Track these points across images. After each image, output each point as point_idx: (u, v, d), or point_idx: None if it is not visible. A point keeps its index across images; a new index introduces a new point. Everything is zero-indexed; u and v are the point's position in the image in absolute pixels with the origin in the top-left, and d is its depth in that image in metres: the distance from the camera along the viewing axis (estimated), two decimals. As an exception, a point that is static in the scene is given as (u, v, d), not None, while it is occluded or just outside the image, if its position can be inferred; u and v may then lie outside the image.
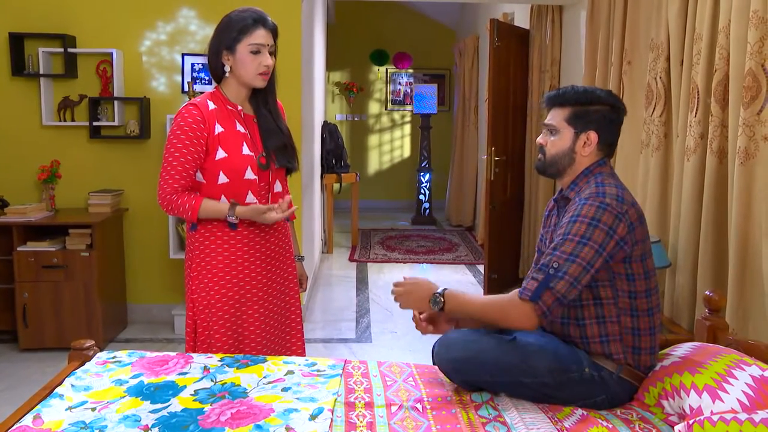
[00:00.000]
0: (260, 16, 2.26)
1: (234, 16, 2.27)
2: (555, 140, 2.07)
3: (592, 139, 2.03)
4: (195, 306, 2.31)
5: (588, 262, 1.88)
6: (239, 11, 2.27)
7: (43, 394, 1.87)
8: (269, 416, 1.78)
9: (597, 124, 2.03)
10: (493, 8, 6.87)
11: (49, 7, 4.19)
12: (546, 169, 2.12)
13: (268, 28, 2.26)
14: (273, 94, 2.39)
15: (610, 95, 2.07)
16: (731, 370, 1.79)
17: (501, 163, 4.95)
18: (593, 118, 2.03)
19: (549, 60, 4.87)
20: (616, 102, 2.06)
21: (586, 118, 2.03)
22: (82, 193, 4.27)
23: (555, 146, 2.07)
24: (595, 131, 2.03)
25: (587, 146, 2.03)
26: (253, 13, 2.26)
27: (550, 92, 2.11)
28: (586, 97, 2.04)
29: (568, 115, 2.05)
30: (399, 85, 9.57)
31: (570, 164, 2.06)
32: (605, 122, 2.03)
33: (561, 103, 2.07)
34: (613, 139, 2.08)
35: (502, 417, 1.86)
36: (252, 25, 2.23)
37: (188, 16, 4.28)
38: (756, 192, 2.40)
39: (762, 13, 2.35)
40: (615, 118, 2.06)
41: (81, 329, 3.92)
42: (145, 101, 4.25)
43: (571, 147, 2.05)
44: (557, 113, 2.07)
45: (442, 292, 2.02)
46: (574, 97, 2.04)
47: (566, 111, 2.05)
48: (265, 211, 2.23)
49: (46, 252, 3.86)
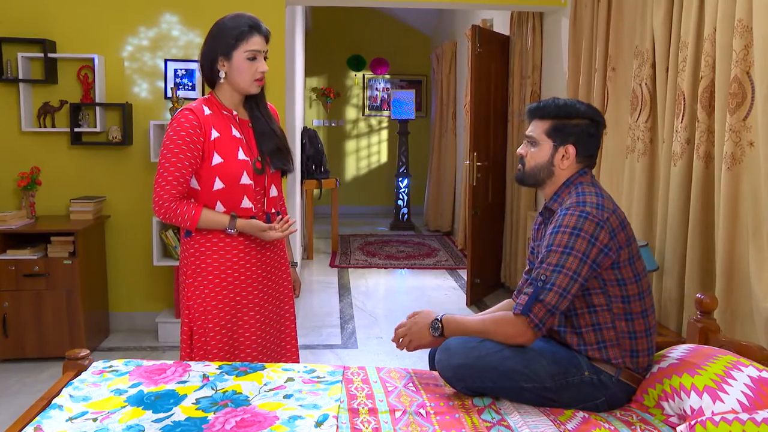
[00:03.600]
0: (255, 23, 2.25)
1: (228, 22, 2.25)
2: (535, 152, 2.11)
3: (570, 152, 2.06)
4: (190, 312, 2.29)
5: (574, 271, 1.91)
6: (232, 17, 2.26)
7: (41, 405, 1.83)
8: (274, 424, 1.77)
9: (576, 137, 2.06)
10: (471, 15, 6.93)
11: (29, 11, 4.13)
12: (525, 179, 2.16)
13: (263, 34, 2.26)
14: (264, 98, 2.39)
15: (590, 109, 2.10)
16: (729, 371, 1.83)
17: (483, 169, 4.98)
18: (572, 132, 2.06)
19: (530, 66, 4.93)
20: (595, 116, 2.10)
21: (565, 131, 2.06)
22: (63, 200, 4.20)
23: (534, 158, 2.11)
24: (573, 145, 2.06)
25: (565, 159, 2.07)
26: (248, 19, 2.25)
27: (532, 104, 2.15)
28: (566, 111, 2.07)
29: (548, 128, 2.08)
30: (376, 90, 9.59)
31: (549, 176, 2.10)
32: (584, 136, 2.07)
33: (541, 116, 2.10)
34: (592, 152, 2.11)
35: (505, 421, 1.87)
36: (248, 32, 2.22)
37: (171, 21, 4.25)
38: (742, 196, 2.46)
39: (746, 21, 2.41)
40: (594, 132, 2.09)
41: (63, 339, 3.85)
42: (128, 107, 4.20)
43: (550, 160, 2.08)
44: (538, 125, 2.11)
45: (440, 319, 2.08)
46: (554, 111, 2.08)
47: (546, 124, 2.09)
48: (265, 229, 2.26)
49: (27, 260, 3.78)
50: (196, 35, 4.26)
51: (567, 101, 2.10)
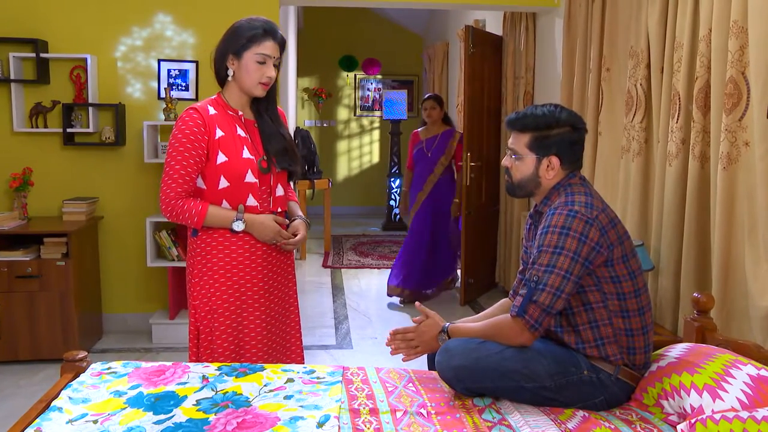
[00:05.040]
0: (271, 28, 2.26)
1: (244, 24, 2.26)
2: (519, 165, 2.10)
3: (554, 162, 2.05)
4: (197, 312, 2.30)
5: (566, 270, 1.92)
6: (249, 20, 2.27)
7: (40, 408, 1.82)
8: (276, 425, 1.77)
9: (558, 147, 2.05)
10: (463, 15, 6.94)
11: (20, 11, 4.10)
12: (515, 191, 2.16)
13: (277, 41, 2.27)
14: (274, 102, 2.40)
15: (571, 116, 2.08)
16: (728, 369, 1.84)
17: (476, 169, 4.99)
18: (553, 143, 2.05)
19: (523, 67, 4.94)
20: (576, 122, 2.08)
21: (546, 143, 2.05)
22: (55, 201, 4.17)
23: (519, 171, 2.10)
24: (556, 155, 2.05)
25: (550, 170, 2.06)
26: (264, 23, 2.26)
27: (511, 115, 2.12)
28: (545, 122, 2.05)
29: (529, 142, 2.07)
30: (368, 91, 9.58)
31: (537, 186, 2.10)
32: (566, 145, 2.05)
33: (521, 129, 2.08)
34: (577, 158, 2.10)
35: (506, 420, 1.88)
36: (262, 36, 2.23)
37: (164, 21, 4.23)
38: (738, 195, 2.48)
39: (742, 23, 2.43)
40: (577, 139, 2.08)
41: (56, 341, 3.82)
42: (121, 107, 4.18)
43: (535, 172, 2.08)
44: (518, 138, 2.09)
45: (446, 329, 2.12)
46: (533, 123, 2.06)
47: (527, 137, 2.07)
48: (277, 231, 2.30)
49: (19, 262, 3.75)
50: (190, 35, 4.24)
51: (546, 110, 2.07)
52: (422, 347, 2.15)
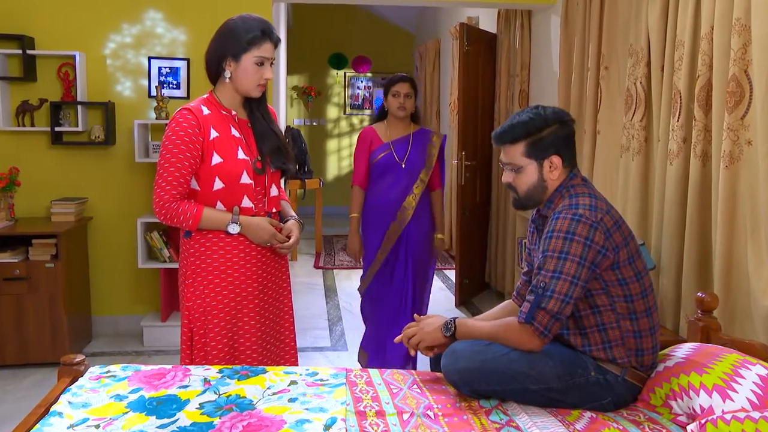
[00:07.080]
0: (268, 28, 2.21)
1: (240, 24, 2.20)
2: (521, 177, 2.05)
3: (555, 162, 2.02)
4: (191, 314, 2.25)
5: (573, 276, 1.89)
6: (244, 19, 2.21)
7: (39, 413, 1.77)
8: (282, 428, 1.73)
9: (555, 146, 2.02)
10: (455, 12, 6.91)
11: (6, 6, 4.01)
12: (525, 204, 2.11)
13: (274, 42, 2.23)
14: (265, 100, 2.37)
15: (555, 112, 2.05)
16: (737, 369, 1.83)
17: (471, 168, 4.97)
18: (549, 142, 2.02)
19: (518, 65, 4.92)
20: (563, 117, 2.05)
21: (542, 145, 2.02)
22: (43, 201, 4.10)
23: (524, 183, 2.06)
24: (556, 154, 2.02)
25: (554, 170, 2.03)
26: (260, 23, 2.21)
27: (497, 131, 2.08)
28: (535, 125, 2.02)
29: (524, 150, 2.03)
30: (358, 89, 9.54)
31: (544, 192, 2.06)
32: (561, 141, 2.03)
33: (512, 141, 2.04)
34: (574, 152, 2.08)
35: (514, 422, 1.85)
36: (261, 38, 2.19)
37: (155, 18, 4.16)
38: (740, 194, 2.47)
39: (744, 20, 2.42)
40: (568, 132, 2.05)
41: (45, 344, 3.75)
42: (110, 106, 4.10)
43: (540, 177, 2.04)
44: (512, 150, 2.05)
45: (453, 321, 2.08)
46: (524, 130, 2.02)
47: (521, 146, 2.03)
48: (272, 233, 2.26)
49: (7, 264, 3.67)
50: (181, 32, 4.18)
51: (531, 114, 2.04)
52: (426, 340, 2.11)
